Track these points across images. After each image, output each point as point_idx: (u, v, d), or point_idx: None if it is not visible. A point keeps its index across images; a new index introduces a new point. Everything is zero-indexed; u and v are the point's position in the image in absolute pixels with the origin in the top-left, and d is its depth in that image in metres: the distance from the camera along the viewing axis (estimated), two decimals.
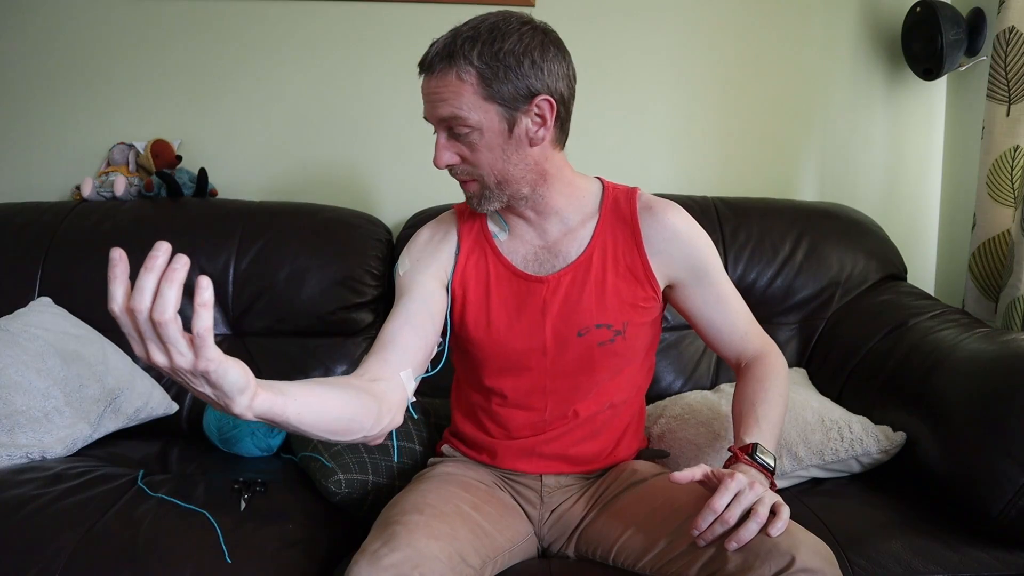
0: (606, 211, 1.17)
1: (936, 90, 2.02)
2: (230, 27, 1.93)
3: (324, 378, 1.08)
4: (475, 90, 1.03)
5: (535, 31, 1.06)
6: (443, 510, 1.06)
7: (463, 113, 1.03)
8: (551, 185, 1.13)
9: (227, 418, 1.42)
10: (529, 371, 1.17)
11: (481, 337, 1.17)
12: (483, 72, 1.02)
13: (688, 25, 1.98)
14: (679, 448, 1.34)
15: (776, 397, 1.15)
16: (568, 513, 1.19)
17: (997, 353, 1.26)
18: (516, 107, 1.05)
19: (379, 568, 0.92)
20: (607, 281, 1.15)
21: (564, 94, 1.08)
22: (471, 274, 1.19)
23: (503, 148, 1.07)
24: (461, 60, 1.02)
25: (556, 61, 1.07)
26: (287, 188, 1.97)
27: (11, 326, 1.47)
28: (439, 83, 1.04)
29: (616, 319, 1.14)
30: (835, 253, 1.71)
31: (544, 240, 1.17)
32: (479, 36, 1.03)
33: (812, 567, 0.89)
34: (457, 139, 1.07)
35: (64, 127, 1.94)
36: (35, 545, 1.07)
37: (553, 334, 1.15)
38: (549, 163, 1.12)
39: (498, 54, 1.02)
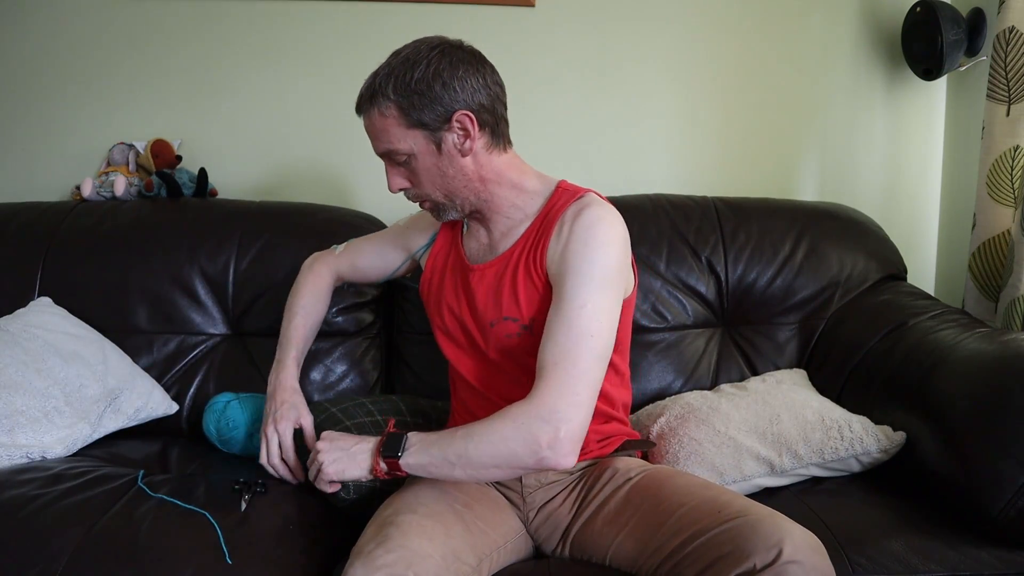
0: (544, 211, 1.19)
1: (936, 90, 2.02)
2: (230, 27, 1.93)
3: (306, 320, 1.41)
4: (397, 122, 1.12)
5: (443, 53, 1.12)
6: (436, 509, 1.08)
7: (394, 145, 1.14)
8: (493, 190, 1.19)
9: (225, 419, 1.41)
10: (467, 353, 1.25)
11: (434, 315, 1.30)
12: (401, 104, 1.11)
13: (688, 25, 1.98)
14: (679, 446, 1.34)
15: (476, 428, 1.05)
16: (556, 513, 1.19)
17: (997, 353, 1.26)
18: (438, 127, 1.12)
19: (374, 568, 0.93)
20: (518, 276, 1.18)
21: (484, 103, 1.14)
22: (439, 261, 1.31)
23: (438, 165, 1.15)
24: (380, 97, 1.12)
25: (468, 76, 1.12)
26: (288, 188, 1.97)
27: (11, 326, 1.47)
28: (369, 122, 1.15)
29: (523, 314, 1.17)
30: (835, 253, 1.71)
31: (490, 239, 1.24)
32: (393, 71, 1.12)
33: (800, 559, 0.90)
34: (399, 166, 1.17)
35: (64, 127, 1.94)
36: (35, 545, 1.07)
37: (474, 321, 1.22)
38: (487, 169, 1.17)
39: (410, 84, 1.10)
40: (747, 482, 1.30)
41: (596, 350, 1.06)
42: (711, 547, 0.95)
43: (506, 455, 1.02)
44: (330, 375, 1.64)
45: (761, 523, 0.94)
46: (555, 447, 1.01)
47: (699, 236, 1.72)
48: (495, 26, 1.94)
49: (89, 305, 1.62)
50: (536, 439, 1.00)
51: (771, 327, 1.71)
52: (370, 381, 1.67)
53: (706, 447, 1.33)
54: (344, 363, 1.65)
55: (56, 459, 1.32)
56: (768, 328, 1.70)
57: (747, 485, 1.30)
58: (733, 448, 1.32)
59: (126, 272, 1.65)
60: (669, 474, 1.15)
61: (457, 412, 1.32)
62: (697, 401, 1.45)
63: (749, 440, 1.33)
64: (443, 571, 0.97)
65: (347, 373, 1.65)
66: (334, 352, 1.66)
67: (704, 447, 1.33)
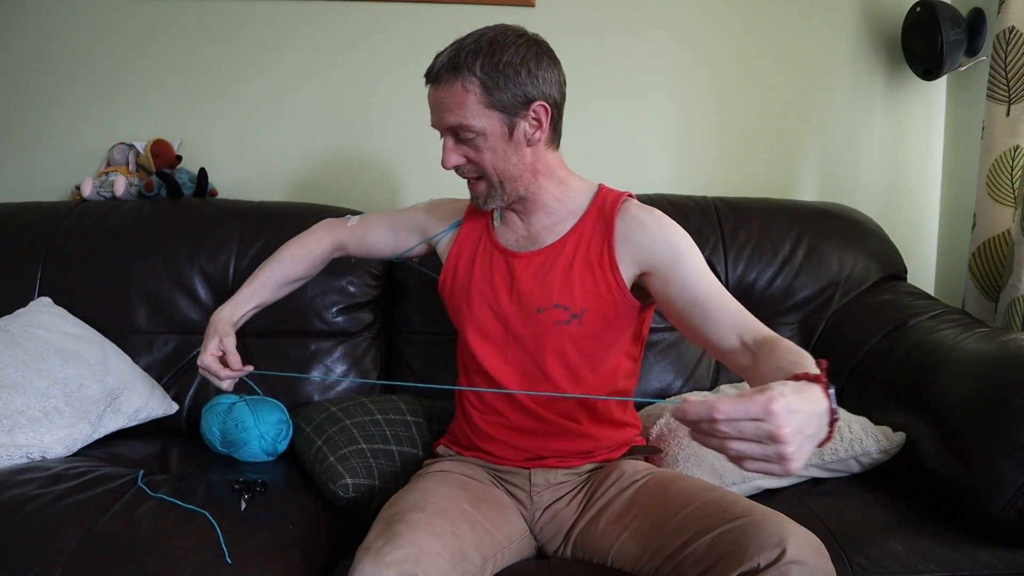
0: (591, 210, 1.23)
1: (936, 90, 2.02)
2: (230, 27, 1.93)
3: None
4: (478, 99, 1.12)
5: (529, 43, 1.16)
6: (443, 507, 1.08)
7: (468, 121, 1.13)
8: (543, 183, 1.22)
9: (232, 420, 1.40)
10: (495, 340, 1.24)
11: (460, 303, 1.27)
12: (485, 82, 1.12)
13: (688, 25, 1.98)
14: (679, 448, 1.34)
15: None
16: (561, 514, 1.20)
17: (997, 353, 1.26)
18: (515, 113, 1.14)
19: (383, 565, 0.93)
20: (574, 267, 1.20)
21: (557, 99, 1.18)
22: (466, 248, 1.30)
23: (504, 150, 1.16)
24: (465, 71, 1.12)
25: (549, 69, 1.16)
26: (287, 188, 1.97)
27: (11, 326, 1.48)
28: (445, 93, 1.14)
29: (575, 303, 1.18)
30: (835, 253, 1.71)
31: (529, 231, 1.25)
32: (481, 49, 1.13)
33: (802, 559, 0.90)
34: (463, 143, 1.16)
35: (64, 127, 1.94)
36: (35, 545, 1.07)
37: (517, 307, 1.22)
38: (542, 163, 1.21)
39: (498, 65, 1.12)
40: (747, 483, 1.30)
41: None
42: (714, 547, 0.96)
43: None
44: (330, 375, 1.64)
45: (764, 523, 0.95)
46: None
47: (699, 236, 1.72)
48: None
49: (89, 305, 1.62)
50: None
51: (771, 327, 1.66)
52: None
53: (705, 449, 1.32)
54: (344, 363, 1.65)
55: (56, 459, 1.32)
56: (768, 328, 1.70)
57: (747, 487, 1.30)
58: None
59: (126, 272, 1.65)
60: (674, 477, 1.16)
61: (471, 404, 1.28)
62: None
63: None
64: (451, 569, 0.97)
65: (347, 373, 1.65)
66: (334, 352, 1.66)
67: (703, 449, 1.32)
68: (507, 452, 1.23)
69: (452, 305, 1.30)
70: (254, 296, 1.36)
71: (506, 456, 1.23)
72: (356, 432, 1.37)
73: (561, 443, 1.22)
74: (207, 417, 1.44)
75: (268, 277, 1.38)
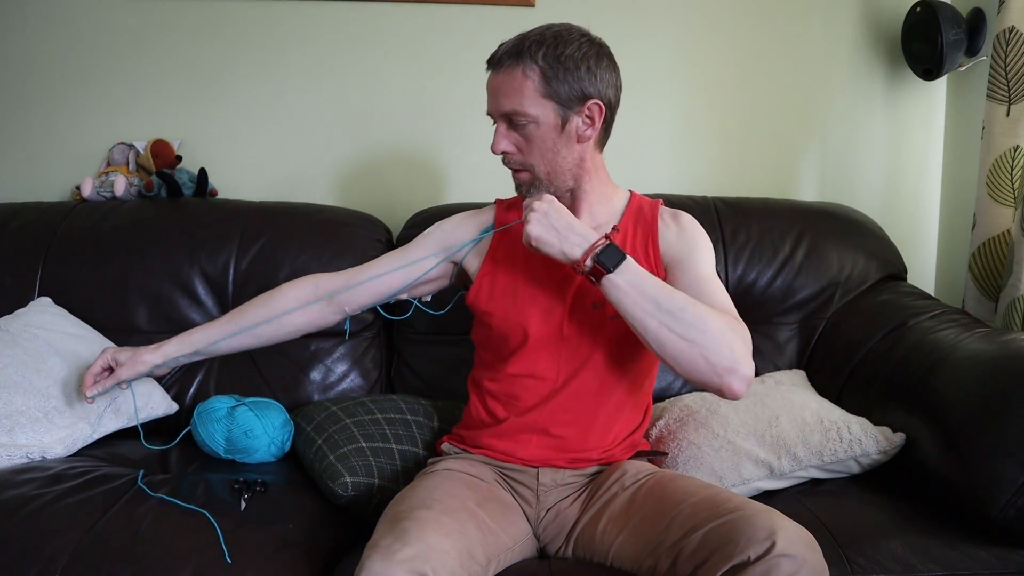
0: (630, 212, 1.29)
1: (936, 90, 2.02)
2: (230, 27, 1.93)
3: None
4: (536, 87, 1.15)
5: (592, 43, 1.19)
6: (451, 506, 1.08)
7: (523, 108, 1.16)
8: (589, 181, 1.26)
9: (238, 429, 1.38)
10: (547, 341, 1.23)
11: (503, 308, 1.25)
12: (545, 71, 1.15)
13: (688, 25, 1.98)
14: (678, 449, 1.34)
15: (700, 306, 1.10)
16: (564, 513, 1.20)
17: (997, 353, 1.26)
18: (570, 106, 1.17)
19: (393, 563, 0.92)
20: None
21: (612, 101, 1.21)
22: (503, 253, 1.29)
23: (554, 141, 1.19)
24: (527, 58, 1.15)
25: (608, 71, 1.20)
26: (287, 188, 1.97)
27: (11, 326, 1.48)
28: (505, 78, 1.17)
29: None
30: (835, 253, 1.71)
31: None
32: (545, 40, 1.16)
33: (792, 552, 0.90)
34: (515, 129, 1.19)
35: (64, 127, 1.94)
36: (35, 545, 1.07)
37: (571, 304, 1.22)
38: (590, 162, 1.24)
39: (560, 57, 1.15)
40: (746, 485, 1.30)
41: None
42: (706, 541, 0.96)
43: (711, 342, 1.07)
44: (330, 375, 1.64)
45: (755, 517, 0.95)
46: (747, 375, 1.07)
47: None
48: (495, 26, 1.93)
49: (89, 305, 1.62)
50: (740, 355, 1.07)
51: (771, 327, 1.71)
52: (370, 381, 1.67)
53: (705, 451, 1.33)
54: (344, 363, 1.65)
55: (56, 459, 1.32)
56: (768, 328, 1.70)
57: (746, 488, 1.30)
58: (732, 451, 1.32)
59: (126, 272, 1.65)
60: (674, 477, 1.16)
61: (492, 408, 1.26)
62: (696, 404, 1.45)
63: (748, 443, 1.33)
64: (459, 568, 0.97)
65: (347, 373, 1.65)
66: (334, 352, 1.66)
67: (703, 451, 1.33)
68: (518, 451, 1.22)
69: (492, 311, 1.25)
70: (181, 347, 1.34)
71: (516, 453, 1.22)
72: (356, 431, 1.37)
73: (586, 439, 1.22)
74: (206, 425, 1.40)
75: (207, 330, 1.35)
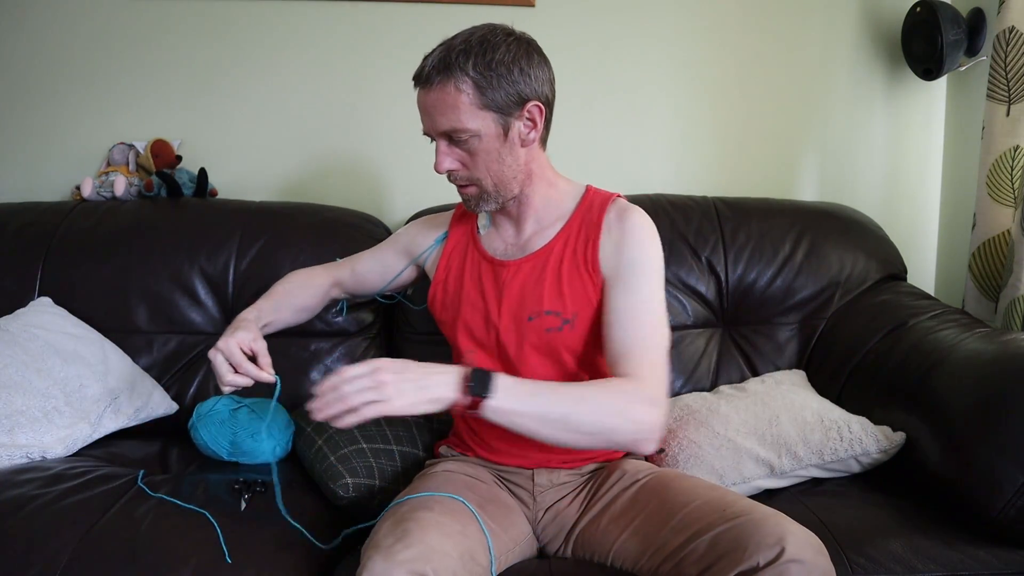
0: (578, 212, 1.23)
1: (936, 90, 2.02)
2: (230, 27, 1.93)
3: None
4: (471, 100, 1.10)
5: (520, 41, 1.14)
6: (452, 507, 1.08)
7: (462, 123, 1.11)
8: (535, 184, 1.22)
9: (244, 432, 1.37)
10: (488, 350, 1.24)
11: (452, 315, 1.27)
12: (478, 82, 1.10)
13: (688, 25, 1.98)
14: (679, 448, 1.35)
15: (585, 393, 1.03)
16: (563, 513, 1.20)
17: (997, 353, 1.26)
18: (510, 113, 1.13)
19: (394, 564, 0.92)
20: (563, 271, 1.19)
21: (549, 97, 1.18)
22: (455, 261, 1.30)
23: (499, 151, 1.15)
24: (457, 72, 1.09)
25: (541, 68, 1.15)
26: (287, 188, 1.97)
27: (11, 326, 1.48)
28: (438, 95, 1.11)
29: (567, 308, 1.18)
30: (835, 253, 1.71)
31: (518, 238, 1.25)
32: (472, 48, 1.10)
33: (801, 558, 0.90)
34: (457, 145, 1.14)
35: (64, 127, 1.94)
36: (35, 545, 1.07)
37: (508, 316, 1.21)
38: (535, 163, 1.20)
39: (491, 64, 1.10)
40: (747, 484, 1.30)
41: (665, 340, 1.12)
42: (714, 545, 0.96)
43: (609, 428, 1.02)
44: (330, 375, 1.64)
45: (764, 522, 0.95)
46: (654, 431, 1.03)
47: (699, 236, 1.72)
48: None
49: (89, 305, 1.62)
50: (642, 420, 1.02)
51: (771, 327, 1.71)
52: None
53: (705, 449, 1.33)
54: (344, 363, 1.65)
55: (56, 459, 1.32)
56: (768, 328, 1.70)
57: (747, 487, 1.30)
58: (732, 450, 1.32)
59: (126, 272, 1.65)
60: (675, 476, 1.16)
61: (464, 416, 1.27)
62: (696, 403, 1.45)
63: (748, 442, 1.33)
64: (460, 569, 0.96)
65: None
66: (334, 352, 1.66)
67: (703, 449, 1.33)
68: (512, 460, 1.23)
69: (444, 319, 1.29)
70: (274, 311, 1.32)
71: (511, 462, 1.23)
72: (356, 432, 1.36)
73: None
74: (208, 428, 1.39)
75: (284, 296, 1.36)
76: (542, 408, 0.99)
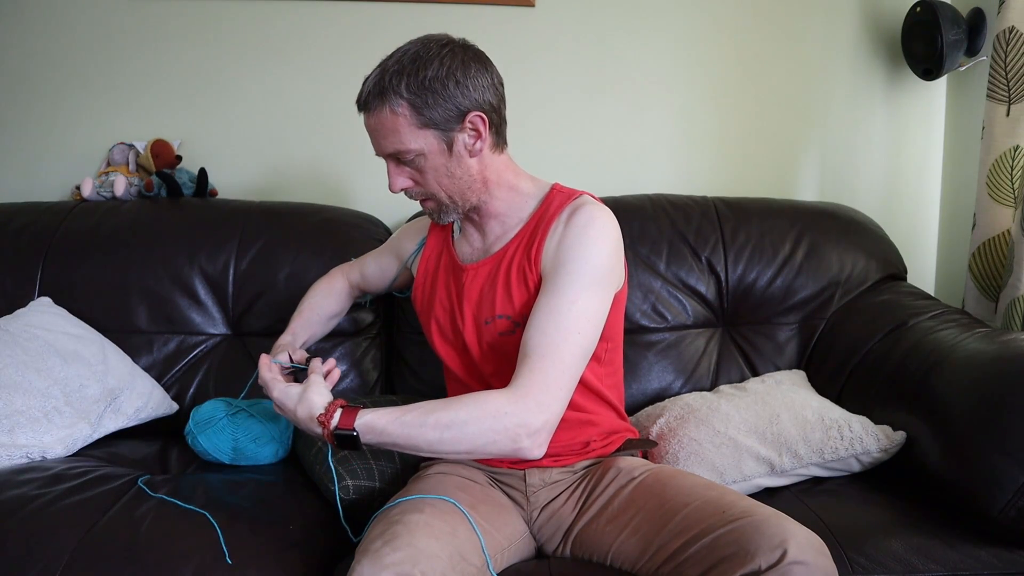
0: (537, 213, 1.21)
1: (936, 90, 2.02)
2: (230, 28, 1.93)
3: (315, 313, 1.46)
4: (409, 121, 1.10)
5: (454, 51, 1.12)
6: (442, 508, 1.08)
7: (404, 145, 1.12)
8: (492, 191, 1.20)
9: (246, 437, 1.37)
10: (458, 351, 1.26)
11: (426, 316, 1.30)
12: (414, 102, 1.09)
13: (688, 25, 1.98)
14: (679, 446, 1.34)
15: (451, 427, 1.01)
16: (559, 512, 1.19)
17: (997, 353, 1.26)
18: (450, 128, 1.12)
19: (381, 567, 0.93)
20: (512, 274, 1.19)
21: (493, 103, 1.15)
22: (431, 264, 1.33)
23: (446, 165, 1.14)
24: (392, 95, 1.09)
25: (479, 75, 1.13)
26: (287, 188, 1.97)
27: (11, 326, 1.47)
28: (376, 120, 1.12)
29: (516, 311, 1.17)
30: (835, 253, 1.71)
31: (483, 242, 1.25)
32: (404, 68, 1.10)
33: (804, 560, 0.90)
34: (405, 164, 1.15)
35: (64, 127, 1.94)
36: (35, 545, 1.07)
37: (470, 319, 1.22)
38: (489, 170, 1.18)
39: (424, 82, 1.09)
40: (747, 482, 1.30)
41: (582, 346, 1.08)
42: (715, 547, 0.95)
43: (483, 444, 1.01)
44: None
45: (765, 523, 0.94)
46: (533, 437, 1.02)
47: (699, 236, 1.72)
48: (495, 26, 1.94)
49: (89, 305, 1.62)
50: (518, 429, 1.01)
51: (771, 327, 1.71)
52: (370, 381, 1.67)
53: (706, 447, 1.33)
54: (344, 363, 1.65)
55: (56, 459, 1.32)
56: (768, 328, 1.70)
57: (747, 485, 1.30)
58: (733, 448, 1.32)
59: (126, 272, 1.65)
60: (673, 474, 1.15)
61: None
62: (696, 402, 1.45)
63: (749, 440, 1.33)
64: (449, 571, 0.97)
65: (347, 373, 1.65)
66: (334, 352, 1.65)
67: (704, 447, 1.33)
68: (504, 462, 1.23)
69: (421, 319, 1.33)
70: (306, 328, 1.43)
71: (502, 464, 1.23)
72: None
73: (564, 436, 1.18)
74: (208, 436, 1.37)
75: (312, 310, 1.45)
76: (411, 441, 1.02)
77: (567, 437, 1.21)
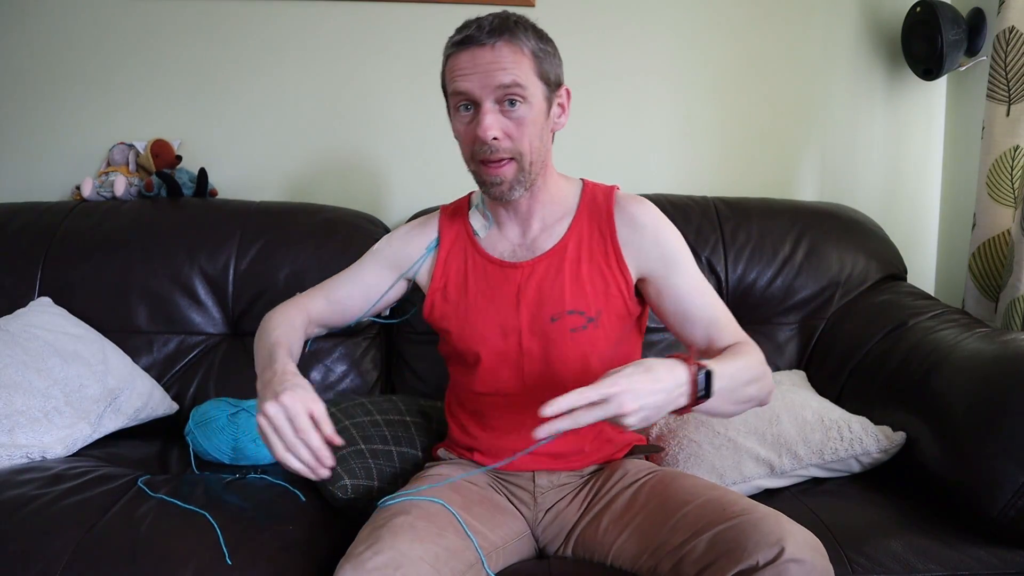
0: (583, 207, 1.22)
1: (936, 90, 2.02)
2: (231, 27, 1.93)
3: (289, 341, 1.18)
4: (531, 64, 1.09)
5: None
6: (431, 510, 1.07)
7: (524, 81, 1.08)
8: (548, 175, 1.20)
9: (246, 437, 1.36)
10: (506, 358, 1.19)
11: (458, 325, 1.21)
12: (536, 52, 1.09)
13: (688, 25, 1.98)
14: (679, 447, 1.35)
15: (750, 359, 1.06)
16: (563, 514, 1.19)
17: (997, 353, 1.26)
18: (553, 91, 1.13)
19: (363, 572, 0.93)
20: (581, 269, 1.18)
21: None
22: (452, 267, 1.24)
23: (541, 127, 1.12)
24: (521, 34, 1.08)
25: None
26: (287, 188, 1.97)
27: (11, 326, 1.48)
28: (498, 54, 1.07)
29: (589, 306, 1.17)
30: (835, 253, 1.71)
31: (523, 238, 1.22)
32: (523, 21, 1.10)
33: (801, 558, 0.90)
34: (507, 111, 1.09)
35: (64, 127, 1.94)
36: (35, 545, 1.07)
37: (528, 319, 1.18)
38: (550, 153, 1.19)
39: (543, 38, 1.11)
40: (747, 483, 1.30)
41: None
42: (713, 545, 0.96)
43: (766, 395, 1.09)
44: (330, 375, 1.64)
45: (763, 521, 0.95)
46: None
47: (699, 236, 1.72)
48: None
49: (89, 305, 1.62)
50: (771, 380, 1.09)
51: (771, 327, 1.71)
52: (370, 381, 1.67)
53: (705, 448, 1.33)
54: (344, 363, 1.65)
55: (56, 459, 1.32)
56: (768, 328, 1.70)
57: (747, 486, 1.30)
58: (732, 449, 1.32)
59: (126, 272, 1.65)
60: (675, 476, 1.15)
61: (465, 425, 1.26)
62: None
63: (748, 441, 1.33)
64: (433, 573, 0.97)
65: (347, 373, 1.65)
66: (334, 352, 1.66)
67: (703, 449, 1.33)
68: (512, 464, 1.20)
69: (448, 329, 1.22)
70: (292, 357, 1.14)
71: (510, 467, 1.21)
72: (355, 433, 1.36)
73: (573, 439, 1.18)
74: (208, 437, 1.38)
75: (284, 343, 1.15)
76: (738, 390, 1.03)
77: (576, 440, 1.20)
